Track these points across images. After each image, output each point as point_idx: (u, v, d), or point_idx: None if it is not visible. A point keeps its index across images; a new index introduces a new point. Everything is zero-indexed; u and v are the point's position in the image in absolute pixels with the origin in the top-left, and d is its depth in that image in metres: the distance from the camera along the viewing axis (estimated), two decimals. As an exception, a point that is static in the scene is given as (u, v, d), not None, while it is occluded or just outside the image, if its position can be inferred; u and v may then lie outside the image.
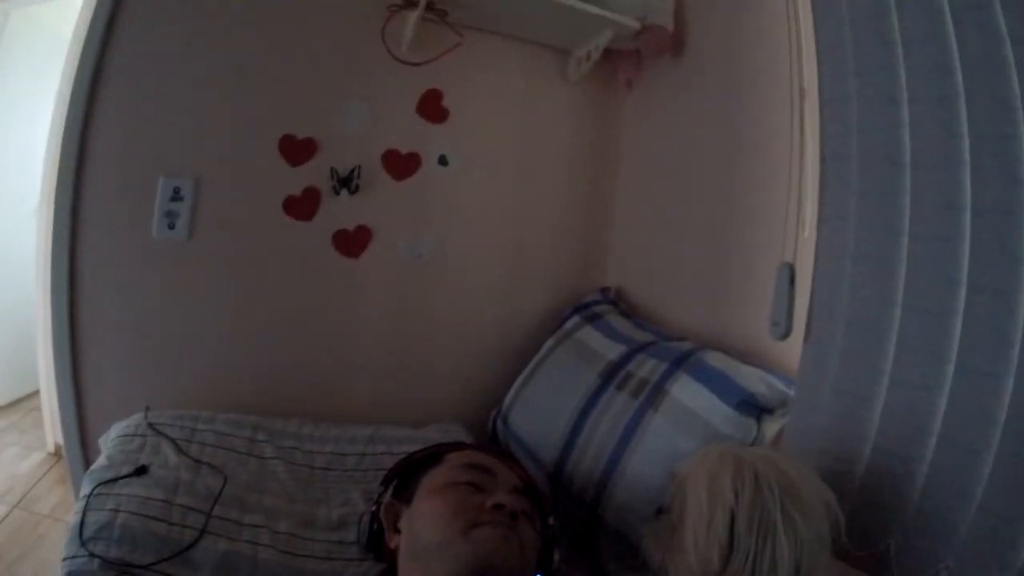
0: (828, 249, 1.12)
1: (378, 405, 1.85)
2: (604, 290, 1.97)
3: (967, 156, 0.86)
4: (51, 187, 2.71)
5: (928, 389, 0.91)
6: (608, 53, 1.84)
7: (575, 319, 1.84)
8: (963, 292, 0.87)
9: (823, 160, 1.13)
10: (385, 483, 1.21)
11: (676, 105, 1.81)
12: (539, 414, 1.63)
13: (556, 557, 1.12)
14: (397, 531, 1.08)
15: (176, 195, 1.66)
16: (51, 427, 2.68)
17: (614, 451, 1.34)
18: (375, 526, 1.16)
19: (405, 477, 1.19)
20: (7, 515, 2.15)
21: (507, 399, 1.78)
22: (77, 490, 1.58)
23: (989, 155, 0.83)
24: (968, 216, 0.86)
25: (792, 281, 1.25)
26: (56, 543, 1.76)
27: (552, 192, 2.00)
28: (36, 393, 2.95)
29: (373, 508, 1.17)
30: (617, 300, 1.93)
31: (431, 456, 1.19)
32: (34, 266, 2.73)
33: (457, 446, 1.26)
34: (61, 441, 2.68)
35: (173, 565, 1.10)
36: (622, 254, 2.03)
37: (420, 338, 1.91)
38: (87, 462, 1.61)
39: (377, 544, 1.15)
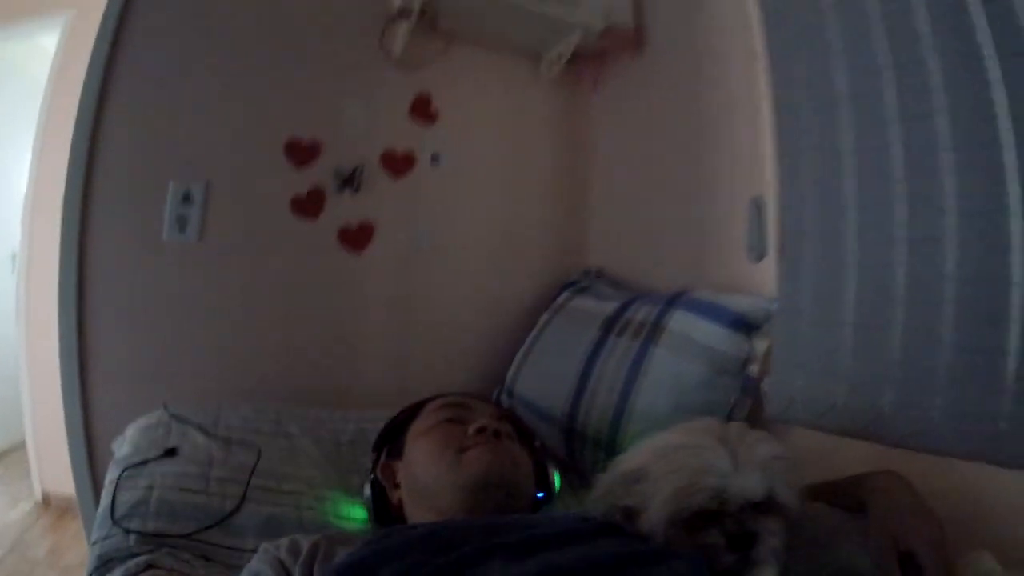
0: (787, 181, 1.33)
1: (387, 391, 1.89)
2: (587, 271, 2.11)
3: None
4: (30, 232, 2.77)
5: (888, 267, 1.07)
6: (574, 57, 2.03)
7: (565, 294, 1.97)
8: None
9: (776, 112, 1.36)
10: (376, 449, 1.24)
11: (639, 98, 2.00)
12: (545, 376, 1.72)
13: (553, 474, 1.18)
14: (397, 486, 1.13)
15: (187, 198, 1.75)
16: (38, 477, 2.66)
17: (624, 388, 1.41)
18: (376, 490, 1.16)
19: (392, 438, 1.23)
20: (3, 558, 2.11)
21: (509, 374, 1.87)
22: (87, 520, 1.53)
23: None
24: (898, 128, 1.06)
25: (760, 212, 1.44)
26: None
27: (534, 183, 2.17)
28: (22, 445, 2.91)
29: (371, 476, 1.18)
30: (600, 276, 2.06)
31: (410, 412, 1.23)
32: (13, 313, 2.74)
33: (433, 397, 1.26)
34: (49, 490, 2.66)
35: (215, 533, 1.11)
36: (601, 237, 2.18)
37: (423, 325, 2.01)
38: (95, 481, 1.61)
39: (383, 510, 1.16)
